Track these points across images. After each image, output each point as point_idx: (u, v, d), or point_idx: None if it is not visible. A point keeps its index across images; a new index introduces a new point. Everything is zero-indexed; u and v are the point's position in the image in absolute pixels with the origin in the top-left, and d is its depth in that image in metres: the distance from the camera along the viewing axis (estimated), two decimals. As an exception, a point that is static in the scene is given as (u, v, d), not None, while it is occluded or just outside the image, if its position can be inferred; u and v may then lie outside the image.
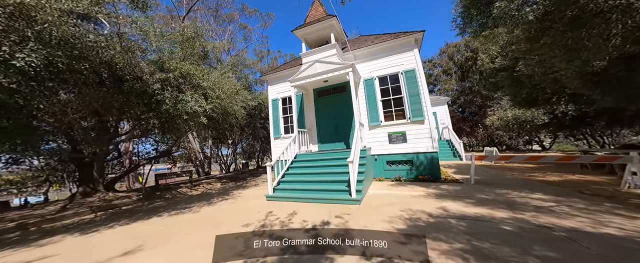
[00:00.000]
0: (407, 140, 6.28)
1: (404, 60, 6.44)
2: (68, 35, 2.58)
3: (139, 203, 6.10)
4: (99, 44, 2.89)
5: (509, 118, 10.69)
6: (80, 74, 2.93)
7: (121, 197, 6.56)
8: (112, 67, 3.27)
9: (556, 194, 4.03)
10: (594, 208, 3.05)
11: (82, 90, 3.07)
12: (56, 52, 2.51)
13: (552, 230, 2.27)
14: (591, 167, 6.77)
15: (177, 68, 4.07)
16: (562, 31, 2.37)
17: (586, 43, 2.35)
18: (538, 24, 2.48)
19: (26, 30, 2.36)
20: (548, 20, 2.44)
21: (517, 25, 2.51)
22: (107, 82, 3.33)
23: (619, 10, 2.15)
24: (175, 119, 4.31)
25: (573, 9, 2.28)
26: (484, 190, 4.56)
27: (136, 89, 3.56)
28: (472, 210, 3.14)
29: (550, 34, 2.47)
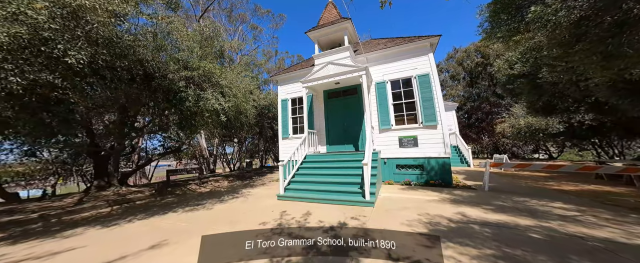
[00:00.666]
0: (419, 145, 6.23)
1: (418, 65, 6.43)
2: (112, 35, 2.71)
3: (152, 198, 6.20)
4: (137, 43, 3.03)
5: (521, 126, 10.48)
6: (116, 71, 3.07)
7: (134, 191, 6.68)
8: (144, 64, 3.40)
9: (577, 204, 3.92)
10: (621, 219, 2.96)
11: (118, 86, 3.20)
12: (101, 50, 2.67)
13: (585, 240, 2.21)
14: (607, 178, 6.58)
15: (200, 66, 4.18)
16: (601, 37, 2.33)
17: (627, 50, 2.29)
18: (573, 29, 2.44)
19: (76, 30, 2.50)
20: (584, 26, 2.41)
21: (554, 30, 2.46)
22: (137, 78, 3.45)
23: None
24: (194, 116, 4.40)
25: (614, 14, 2.25)
26: (499, 197, 4.48)
27: (163, 85, 3.68)
28: (494, 217, 3.08)
29: (587, 40, 2.42)
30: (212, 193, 6.66)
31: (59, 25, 2.41)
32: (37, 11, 2.29)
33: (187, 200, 5.79)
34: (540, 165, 5.58)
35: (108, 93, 3.27)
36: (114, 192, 6.42)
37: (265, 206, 4.60)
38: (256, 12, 13.79)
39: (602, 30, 2.36)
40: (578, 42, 2.58)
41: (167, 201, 5.80)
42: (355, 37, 7.78)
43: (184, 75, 3.91)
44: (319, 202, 4.58)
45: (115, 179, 6.76)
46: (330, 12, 8.04)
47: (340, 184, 5.08)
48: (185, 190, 7.48)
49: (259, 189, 6.88)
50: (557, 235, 2.38)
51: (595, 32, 2.39)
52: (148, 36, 3.44)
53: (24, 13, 2.26)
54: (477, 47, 18.02)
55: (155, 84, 3.62)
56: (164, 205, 5.22)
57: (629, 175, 5.56)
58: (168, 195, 6.52)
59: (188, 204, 5.18)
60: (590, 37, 2.44)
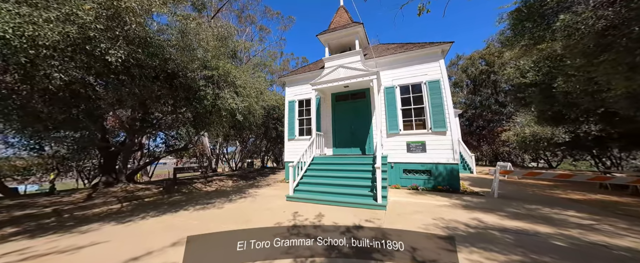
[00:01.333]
0: (427, 150, 6.24)
1: (428, 71, 6.49)
2: (147, 35, 2.82)
3: (159, 196, 6.20)
4: (167, 42, 3.13)
5: (526, 134, 10.49)
6: (144, 69, 3.15)
7: (141, 188, 6.68)
8: (168, 63, 3.48)
9: (590, 212, 3.92)
10: (638, 229, 2.97)
11: (145, 84, 3.28)
12: (136, 49, 2.78)
13: (610, 249, 2.21)
14: (611, 188, 6.58)
15: (219, 66, 4.25)
16: (629, 48, 2.37)
17: None
18: (600, 39, 2.49)
19: (116, 30, 2.62)
20: (611, 35, 2.45)
21: (581, 40, 2.51)
22: (161, 76, 3.52)
23: None
24: (209, 115, 4.45)
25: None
26: (511, 204, 4.47)
27: (185, 84, 3.75)
28: (511, 224, 3.09)
29: (613, 50, 2.47)
30: (219, 193, 6.66)
31: (103, 26, 2.54)
32: (86, 12, 2.44)
33: (195, 198, 5.79)
34: (552, 174, 5.59)
35: (136, 90, 3.34)
36: (121, 188, 6.42)
37: (276, 206, 4.61)
38: (266, 14, 14.05)
39: (630, 41, 2.40)
40: (603, 53, 2.62)
41: (175, 199, 5.80)
42: (366, 41, 7.88)
43: (204, 74, 3.98)
44: (329, 203, 4.58)
45: (123, 176, 6.77)
46: (341, 16, 8.16)
47: (350, 187, 5.09)
48: (191, 188, 7.48)
49: (265, 190, 6.88)
50: (580, 243, 2.39)
51: (623, 42, 2.44)
52: (176, 35, 3.54)
53: (75, 14, 2.41)
54: (481, 54, 18.19)
55: (177, 82, 3.70)
56: (173, 203, 5.22)
57: (634, 186, 5.60)
58: (175, 193, 6.52)
59: (197, 202, 5.19)
60: (616, 47, 2.49)
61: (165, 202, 5.48)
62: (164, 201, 5.57)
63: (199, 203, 5.16)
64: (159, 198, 5.89)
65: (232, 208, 4.63)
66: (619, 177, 4.93)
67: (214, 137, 13.36)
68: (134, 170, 7.70)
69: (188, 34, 3.58)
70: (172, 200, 5.62)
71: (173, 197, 6.03)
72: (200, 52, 3.92)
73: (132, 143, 6.19)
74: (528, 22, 3.13)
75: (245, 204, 4.93)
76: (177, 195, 6.37)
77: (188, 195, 6.29)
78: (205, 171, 8.72)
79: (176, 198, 5.94)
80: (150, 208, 4.78)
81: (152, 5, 2.74)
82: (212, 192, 6.82)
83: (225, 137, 11.75)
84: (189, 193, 6.62)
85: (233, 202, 5.23)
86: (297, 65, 18.75)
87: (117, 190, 6.37)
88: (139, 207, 4.96)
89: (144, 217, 4.02)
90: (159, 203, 5.34)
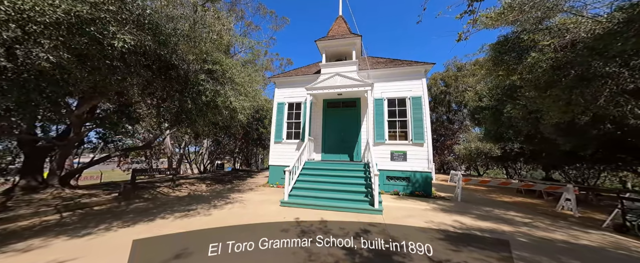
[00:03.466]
0: (407, 159, 6.97)
1: (412, 87, 7.31)
2: (160, 21, 2.41)
3: (115, 203, 5.06)
4: (178, 32, 2.70)
5: (472, 149, 12.97)
6: (142, 56, 2.62)
7: (84, 194, 5.29)
8: (173, 54, 3.00)
9: (524, 212, 5.11)
10: (559, 225, 4.03)
11: (140, 73, 2.70)
12: (146, 36, 2.36)
13: (554, 242, 2.97)
14: (524, 192, 8.68)
15: (222, 61, 3.88)
16: (569, 87, 3.31)
17: (580, 100, 3.34)
18: (548, 77, 3.39)
19: (126, 12, 2.22)
20: (556, 75, 3.38)
21: (543, 75, 3.35)
22: (154, 66, 2.97)
23: (612, 75, 3.13)
24: (203, 111, 4.00)
25: (579, 69, 3.26)
26: (472, 207, 5.42)
27: (183, 76, 3.24)
28: (483, 224, 3.77)
29: (557, 87, 3.39)
30: (194, 198, 5.88)
31: (115, 7, 2.14)
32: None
33: (166, 205, 4.97)
34: (497, 182, 7.04)
35: (130, 79, 2.75)
36: (53, 194, 4.95)
37: (271, 212, 4.40)
38: (259, 11, 13.22)
39: (569, 81, 3.36)
40: (550, 88, 3.58)
41: (139, 206, 4.85)
42: (361, 52, 8.35)
43: (207, 68, 3.56)
44: (327, 209, 4.63)
45: (55, 179, 5.23)
46: (340, 26, 8.47)
47: (345, 192, 5.26)
48: (156, 193, 6.35)
49: (250, 195, 6.42)
50: (536, 239, 3.12)
51: (563, 82, 3.38)
52: (190, 25, 3.09)
53: None
54: (442, 76, 21.46)
55: (174, 74, 3.19)
56: (140, 211, 4.37)
57: (539, 190, 7.58)
58: (135, 200, 5.42)
59: (173, 209, 4.49)
60: (559, 85, 3.44)
61: (127, 210, 4.53)
62: (125, 209, 4.59)
63: (176, 210, 4.47)
64: (116, 206, 4.81)
65: (222, 215, 4.20)
66: (539, 185, 6.63)
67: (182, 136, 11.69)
68: (73, 172, 6.07)
69: (198, 24, 3.17)
70: (135, 208, 4.68)
71: (134, 204, 5.01)
72: (206, 44, 3.50)
73: (77, 137, 4.90)
74: (507, 55, 3.99)
75: (236, 210, 4.53)
76: (138, 201, 5.31)
77: (154, 202, 5.33)
78: (175, 173, 7.54)
79: (140, 205, 4.96)
80: (108, 218, 3.89)
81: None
82: (185, 198, 5.96)
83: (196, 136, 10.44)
84: (155, 199, 5.62)
85: (219, 208, 4.73)
86: (281, 66, 18.24)
87: (47, 197, 4.88)
88: (88, 217, 3.97)
89: (107, 228, 3.27)
90: (119, 212, 4.38)
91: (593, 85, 3.34)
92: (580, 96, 3.36)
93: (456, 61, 21.30)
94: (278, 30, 15.33)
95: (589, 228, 3.92)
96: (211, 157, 14.19)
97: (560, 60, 3.44)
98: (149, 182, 7.74)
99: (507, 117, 6.44)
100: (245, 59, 6.45)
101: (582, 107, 3.53)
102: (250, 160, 19.98)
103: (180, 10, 3.27)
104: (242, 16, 12.54)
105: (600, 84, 3.29)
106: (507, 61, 4.01)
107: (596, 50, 3.24)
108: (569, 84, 3.38)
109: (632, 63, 3.12)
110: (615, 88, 3.25)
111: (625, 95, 3.35)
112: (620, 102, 3.38)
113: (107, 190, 6.25)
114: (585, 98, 3.37)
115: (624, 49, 3.12)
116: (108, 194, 5.59)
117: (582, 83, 3.42)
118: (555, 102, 3.66)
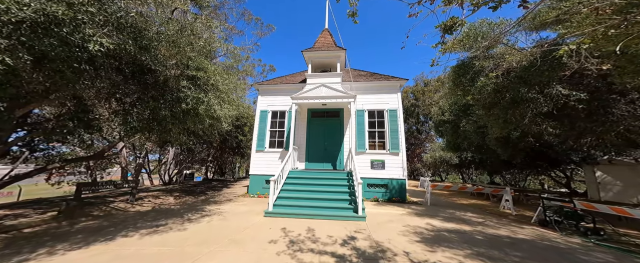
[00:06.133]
0: (385, 168, 7.54)
1: (389, 100, 8.05)
2: (142, 25, 2.24)
3: (53, 223, 4.21)
4: (161, 36, 2.52)
5: (436, 157, 14.73)
6: (113, 60, 2.38)
7: (8, 215, 4.26)
8: (152, 59, 2.79)
9: (477, 213, 6.04)
10: (503, 223, 4.91)
11: (110, 77, 2.42)
12: (127, 39, 2.16)
13: (501, 238, 3.64)
14: (476, 194, 10.23)
15: (206, 67, 3.75)
16: (505, 108, 4.23)
17: (513, 118, 4.28)
18: (491, 99, 4.28)
19: (104, 14, 2.02)
20: (497, 98, 4.29)
21: (489, 97, 4.21)
22: (126, 70, 2.70)
23: (533, 100, 4.07)
24: (180, 119, 3.78)
25: (510, 94, 4.19)
26: (440, 210, 6.15)
27: (160, 82, 3.01)
28: (449, 225, 4.35)
29: (497, 107, 4.29)
30: (161, 212, 5.28)
31: (95, 9, 1.93)
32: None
33: (125, 222, 4.37)
34: (457, 186, 8.13)
35: (98, 83, 2.45)
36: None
37: (256, 223, 4.28)
38: (243, 16, 12.86)
39: (505, 103, 4.28)
40: (492, 108, 4.49)
41: (87, 225, 4.15)
42: (344, 65, 8.88)
43: (190, 74, 3.39)
44: (313, 217, 4.71)
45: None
46: (325, 37, 8.91)
47: (329, 200, 5.42)
48: (109, 209, 5.48)
49: (229, 206, 6.06)
50: (488, 235, 3.75)
51: (501, 103, 4.30)
52: (170, 30, 2.93)
53: None
54: (412, 90, 23.98)
55: (151, 79, 2.95)
56: (92, 231, 3.76)
57: (487, 193, 9.04)
58: (81, 218, 4.58)
59: (137, 227, 3.99)
60: (498, 106, 4.35)
61: (73, 230, 3.83)
62: (69, 230, 3.87)
63: (141, 227, 3.99)
64: (55, 227, 4.01)
65: (200, 229, 3.90)
66: (487, 189, 7.91)
67: (142, 144, 10.34)
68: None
69: (186, 30, 3.04)
70: (84, 228, 3.99)
71: (81, 223, 4.24)
72: (195, 49, 3.36)
73: (4, 147, 4.02)
74: (463, 78, 4.88)
75: (216, 223, 4.26)
76: (85, 220, 4.50)
77: (109, 219, 4.62)
78: (134, 186, 6.63)
79: (90, 224, 4.24)
80: (47, 240, 3.26)
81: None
82: (149, 213, 5.30)
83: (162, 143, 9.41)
84: (110, 217, 4.86)
85: (195, 222, 4.38)
86: (263, 72, 17.89)
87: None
88: (18, 241, 3.25)
89: (49, 252, 2.78)
90: (61, 233, 3.68)
91: (521, 107, 4.35)
92: (512, 116, 4.32)
93: (423, 77, 24.15)
94: (262, 36, 15.22)
95: (523, 224, 4.87)
96: (179, 167, 12.79)
97: (499, 85, 4.40)
98: (97, 197, 6.60)
99: (463, 130, 7.65)
100: (227, 63, 6.27)
101: (513, 125, 4.53)
102: (225, 169, 18.63)
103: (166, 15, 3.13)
104: (225, 20, 12.14)
105: (525, 106, 4.30)
106: (464, 83, 4.91)
107: (523, 79, 4.25)
108: (505, 106, 4.33)
109: (545, 91, 4.18)
110: (535, 110, 4.28)
111: (541, 116, 4.41)
112: (538, 122, 4.46)
113: (38, 208, 5.14)
114: (516, 117, 4.34)
115: (540, 80, 4.16)
116: (42, 213, 4.62)
117: (514, 105, 4.43)
118: (496, 120, 4.61)
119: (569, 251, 3.19)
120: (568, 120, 4.42)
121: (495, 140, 6.11)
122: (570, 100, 4.03)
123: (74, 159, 5.79)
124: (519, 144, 6.35)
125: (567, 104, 4.10)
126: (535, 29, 4.39)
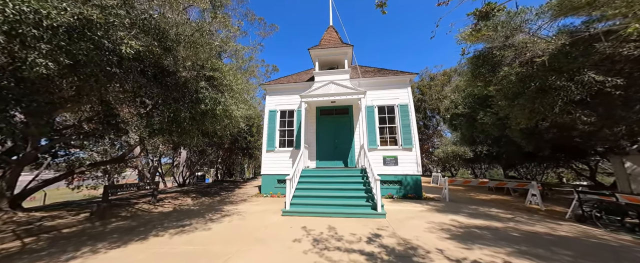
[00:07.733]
0: (398, 164, 7.35)
1: (399, 95, 7.85)
2: (167, 26, 2.26)
3: (87, 224, 4.34)
4: (181, 37, 2.55)
5: (449, 152, 14.30)
6: (140, 62, 2.41)
7: (46, 217, 4.40)
8: (174, 61, 2.82)
9: (504, 209, 5.74)
10: (535, 219, 4.60)
11: (137, 80, 2.45)
12: (152, 41, 2.21)
13: (540, 235, 3.38)
14: (494, 190, 9.83)
15: (221, 68, 3.74)
16: (532, 97, 3.99)
17: (540, 108, 4.03)
18: (515, 89, 4.05)
19: (132, 17, 2.12)
20: (522, 87, 4.05)
21: (511, 86, 3.98)
22: (148, 72, 2.72)
23: (563, 88, 3.83)
24: (196, 121, 3.78)
25: (535, 83, 3.94)
26: (461, 207, 5.90)
27: (181, 84, 3.03)
28: (477, 222, 4.14)
29: (522, 98, 4.06)
30: (183, 213, 5.35)
31: (124, 11, 2.01)
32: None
33: (152, 222, 4.45)
34: (477, 182, 7.84)
35: (127, 86, 2.48)
36: (3, 219, 4.02)
37: (275, 222, 4.24)
38: (246, 17, 12.95)
39: (531, 93, 4.04)
40: (517, 98, 4.25)
41: (119, 226, 4.26)
42: (352, 61, 8.73)
43: (207, 75, 3.38)
44: (331, 215, 4.62)
45: (4, 201, 4.27)
46: (330, 34, 8.79)
47: (346, 198, 5.32)
48: (135, 210, 5.59)
49: (245, 206, 6.07)
50: (524, 232, 3.51)
51: (527, 93, 4.05)
52: (188, 31, 2.94)
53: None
54: (418, 85, 23.47)
55: (172, 81, 2.96)
56: (124, 231, 3.87)
57: (507, 187, 8.66)
58: (112, 219, 4.70)
59: (164, 227, 4.08)
60: (524, 96, 4.11)
61: (107, 230, 3.95)
62: (103, 230, 3.98)
63: (168, 227, 4.06)
64: (90, 227, 4.14)
65: (223, 228, 3.92)
66: (510, 183, 7.60)
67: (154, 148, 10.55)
68: (26, 193, 5.04)
69: (204, 30, 3.04)
70: (116, 228, 4.10)
71: (113, 224, 4.36)
72: (212, 50, 3.34)
73: (36, 153, 4.14)
74: (484, 68, 4.65)
75: (237, 223, 4.27)
76: (116, 220, 4.62)
77: (137, 219, 4.72)
78: (155, 188, 6.76)
79: (121, 224, 4.35)
80: (87, 240, 3.38)
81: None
82: (172, 213, 5.38)
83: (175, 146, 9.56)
84: (136, 217, 4.96)
85: (216, 222, 4.40)
86: (267, 72, 17.92)
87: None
88: (60, 240, 3.39)
89: (92, 250, 2.91)
90: (96, 233, 3.79)
91: (549, 96, 4.10)
92: (540, 105, 4.07)
93: (428, 71, 23.57)
94: (266, 36, 15.26)
95: (557, 220, 4.57)
96: (191, 168, 13.00)
97: (524, 74, 4.15)
98: (121, 199, 6.77)
99: (480, 122, 7.35)
100: (232, 64, 6.26)
101: (542, 115, 4.27)
102: (233, 170, 18.83)
103: (186, 15, 3.12)
104: (226, 24, 12.24)
105: (555, 95, 4.05)
106: (484, 74, 4.67)
107: (551, 66, 4.01)
108: (531, 95, 4.08)
109: (576, 78, 3.92)
110: (566, 98, 4.02)
111: (572, 104, 4.15)
112: (570, 111, 4.19)
113: (70, 210, 5.30)
114: (544, 107, 4.08)
115: (572, 67, 3.90)
116: (75, 215, 4.75)
117: (541, 94, 4.18)
118: (522, 110, 4.36)
119: (624, 250, 2.92)
120: (603, 108, 4.13)
121: (519, 131, 5.80)
122: (605, 86, 3.75)
123: (99, 163, 5.94)
124: (545, 135, 6.01)
125: (602, 90, 3.83)
126: (563, 14, 4.12)
